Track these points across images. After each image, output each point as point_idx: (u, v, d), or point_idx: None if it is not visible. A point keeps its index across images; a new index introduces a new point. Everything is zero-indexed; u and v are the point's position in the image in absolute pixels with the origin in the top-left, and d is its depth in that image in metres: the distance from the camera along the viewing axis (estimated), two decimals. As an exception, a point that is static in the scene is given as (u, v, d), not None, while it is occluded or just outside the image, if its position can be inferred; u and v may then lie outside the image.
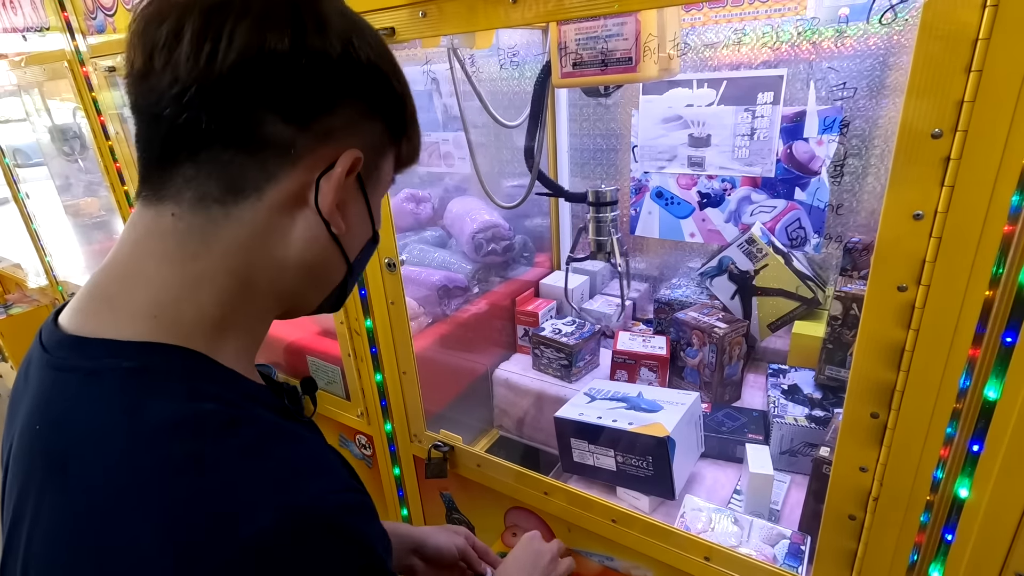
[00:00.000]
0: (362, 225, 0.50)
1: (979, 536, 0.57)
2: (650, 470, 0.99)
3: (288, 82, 0.40)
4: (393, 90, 0.47)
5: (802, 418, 1.07)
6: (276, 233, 0.44)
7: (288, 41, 0.39)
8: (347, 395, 1.26)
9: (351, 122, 0.44)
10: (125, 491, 0.35)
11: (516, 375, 1.43)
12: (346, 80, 0.43)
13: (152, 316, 0.41)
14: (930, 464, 0.58)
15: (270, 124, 0.41)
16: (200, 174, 0.41)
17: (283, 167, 0.42)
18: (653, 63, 0.88)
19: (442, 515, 1.28)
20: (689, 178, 1.38)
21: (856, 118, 1.14)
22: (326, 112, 0.43)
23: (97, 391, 0.39)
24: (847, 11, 1.08)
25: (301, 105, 0.41)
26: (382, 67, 0.45)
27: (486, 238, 1.44)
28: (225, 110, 0.40)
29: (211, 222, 0.42)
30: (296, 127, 0.42)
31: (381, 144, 0.48)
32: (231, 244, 0.42)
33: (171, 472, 0.36)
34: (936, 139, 0.48)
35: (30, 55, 1.56)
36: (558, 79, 0.95)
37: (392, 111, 0.48)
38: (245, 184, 0.42)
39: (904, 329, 0.55)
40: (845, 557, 0.69)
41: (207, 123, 0.40)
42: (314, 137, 0.42)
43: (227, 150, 0.41)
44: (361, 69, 0.43)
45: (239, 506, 0.36)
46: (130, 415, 0.37)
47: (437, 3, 0.75)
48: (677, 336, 1.29)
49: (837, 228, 1.24)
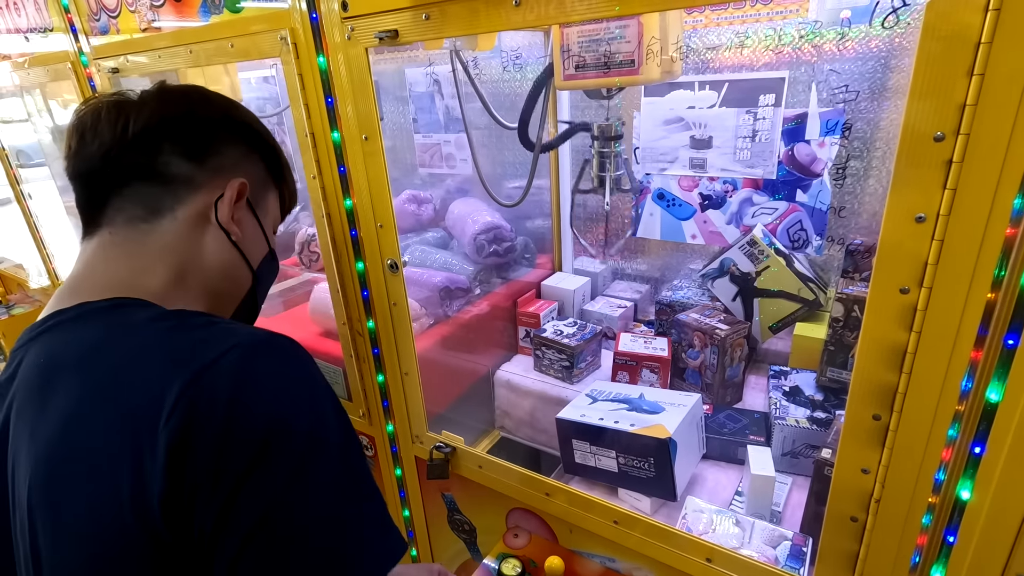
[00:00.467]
0: (258, 239, 0.67)
1: (981, 538, 0.57)
2: (652, 471, 0.99)
3: (185, 134, 0.60)
4: (265, 141, 0.67)
5: (803, 420, 1.07)
6: (193, 240, 0.60)
7: (183, 110, 0.60)
8: (349, 396, 1.26)
9: (236, 161, 0.64)
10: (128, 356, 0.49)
11: (517, 376, 1.43)
12: (227, 132, 0.63)
13: (112, 288, 0.55)
14: (932, 466, 0.59)
15: (175, 164, 0.59)
16: (126, 203, 0.58)
17: (189, 193, 0.60)
18: (656, 65, 0.88)
19: (443, 516, 1.28)
20: (691, 180, 1.38)
21: (858, 120, 1.14)
22: (215, 154, 0.61)
23: (81, 323, 0.53)
24: (849, 14, 1.08)
25: (196, 149, 0.60)
26: (254, 126, 0.67)
27: (488, 239, 1.44)
28: (140, 156, 0.58)
29: (141, 234, 0.58)
30: (195, 164, 0.60)
31: (264, 181, 0.68)
32: (161, 248, 0.58)
33: (159, 334, 0.50)
34: (938, 142, 0.49)
35: (33, 56, 1.56)
36: (560, 81, 0.95)
37: (267, 156, 0.68)
38: (162, 207, 0.59)
39: (906, 331, 0.55)
40: (847, 559, 0.69)
41: (127, 167, 0.57)
42: (210, 171, 0.61)
43: (145, 184, 0.58)
44: (238, 126, 0.65)
45: (217, 343, 0.48)
46: (112, 323, 0.52)
47: (440, 6, 0.75)
48: (678, 338, 1.29)
49: (839, 230, 1.25)
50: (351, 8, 0.84)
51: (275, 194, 0.70)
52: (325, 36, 0.89)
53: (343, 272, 1.08)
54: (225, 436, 0.44)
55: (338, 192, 1.00)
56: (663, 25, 0.88)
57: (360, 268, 1.06)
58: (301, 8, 0.88)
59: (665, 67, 0.91)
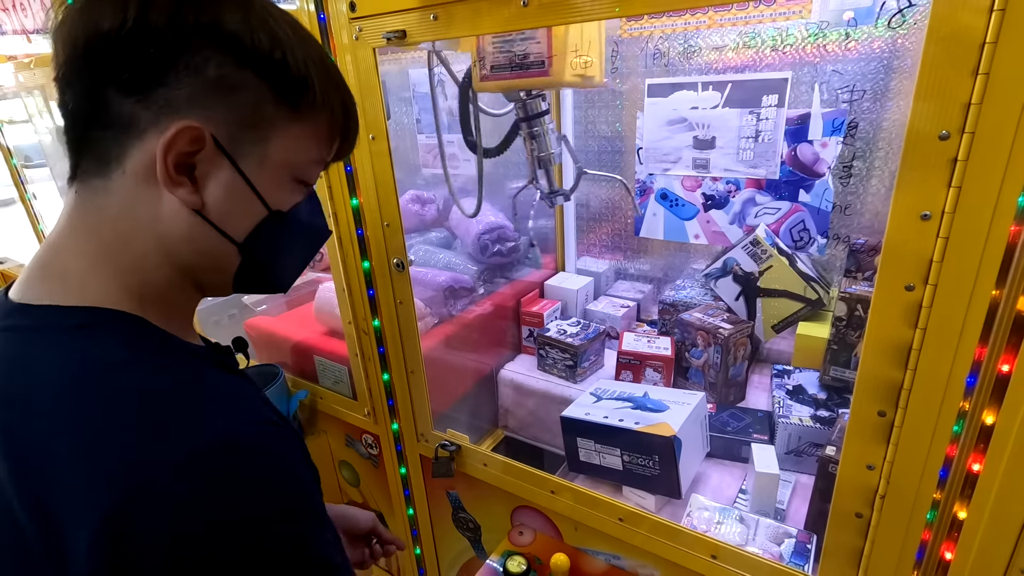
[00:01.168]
0: (238, 201, 0.48)
1: (985, 534, 0.57)
2: (656, 469, 1.00)
3: (117, 57, 0.43)
4: (252, 53, 0.45)
5: (807, 418, 1.07)
6: (146, 204, 0.46)
7: (110, 19, 0.42)
8: (354, 395, 1.26)
9: (197, 93, 0.44)
10: (71, 417, 0.40)
11: (521, 375, 1.43)
12: (175, 50, 0.43)
13: (81, 283, 0.45)
14: (937, 461, 0.59)
15: (113, 101, 0.44)
16: (84, 153, 0.46)
17: (131, 141, 0.44)
18: (568, 68, 0.89)
19: (448, 514, 1.28)
20: (694, 180, 1.39)
21: (861, 120, 1.15)
22: (160, 84, 0.43)
23: (42, 344, 0.43)
24: (852, 15, 1.09)
25: (132, 79, 0.43)
26: (229, 29, 0.44)
27: (491, 239, 1.44)
28: (79, 91, 0.44)
29: (95, 194, 0.46)
30: (136, 101, 0.43)
31: (259, 116, 0.47)
32: (115, 215, 0.46)
33: (111, 403, 0.40)
34: (943, 141, 0.49)
35: (39, 56, 1.57)
36: (478, 83, 0.96)
37: (267, 77, 0.46)
38: (109, 157, 0.45)
39: (911, 328, 0.56)
40: (852, 555, 0.70)
41: (69, 100, 0.45)
42: (155, 110, 0.43)
43: (93, 129, 0.45)
44: (193, 37, 0.43)
45: (172, 430, 0.40)
46: (75, 360, 0.42)
47: (447, 7, 0.76)
48: (682, 337, 1.29)
49: (841, 229, 1.25)
50: (359, 9, 0.85)
51: (296, 128, 0.49)
52: (333, 37, 0.90)
53: (349, 271, 1.08)
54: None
55: (344, 192, 1.01)
56: (579, 32, 0.89)
57: (366, 267, 1.06)
58: (309, 9, 0.89)
59: (578, 71, 0.91)
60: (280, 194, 0.50)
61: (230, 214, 0.48)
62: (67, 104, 0.45)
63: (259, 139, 0.47)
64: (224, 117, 0.45)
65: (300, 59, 0.47)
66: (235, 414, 0.43)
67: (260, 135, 0.47)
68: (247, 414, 0.44)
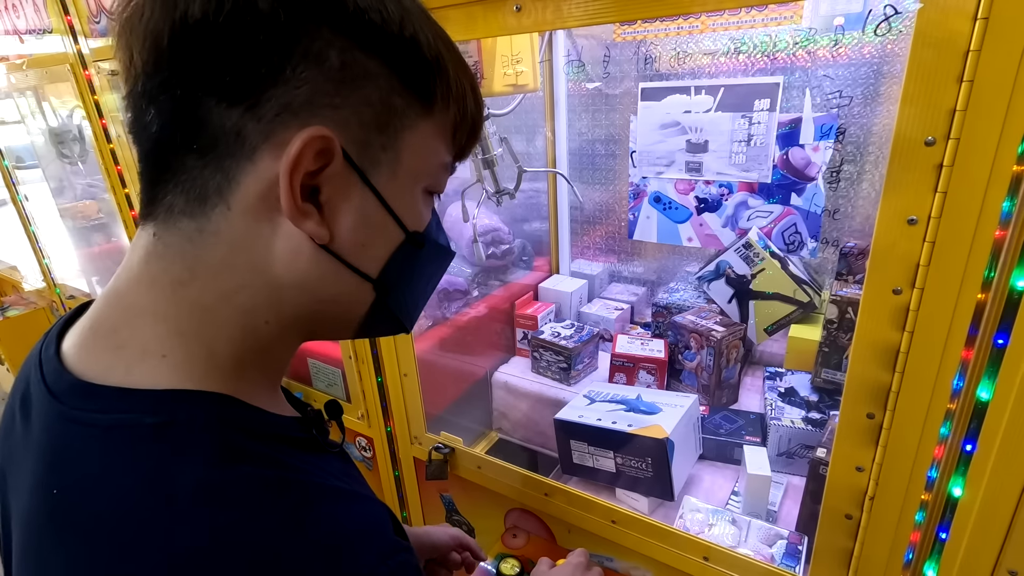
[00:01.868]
0: (373, 227, 0.39)
1: (972, 534, 0.58)
2: (649, 471, 1.00)
3: (215, 53, 0.32)
4: (380, 31, 0.35)
5: (799, 420, 1.08)
6: (257, 246, 0.36)
7: (198, 2, 0.32)
8: (348, 397, 1.26)
9: (319, 90, 0.34)
10: (157, 571, 0.31)
11: (515, 378, 1.43)
12: (291, 35, 0.33)
13: (161, 356, 0.36)
14: (925, 463, 0.60)
15: (213, 114, 0.33)
16: (171, 186, 0.36)
17: (239, 166, 0.34)
18: (500, 78, 0.91)
19: (442, 517, 1.28)
20: (687, 183, 1.39)
21: (851, 125, 1.16)
22: (272, 84, 0.33)
23: (118, 453, 0.33)
24: (842, 21, 1.10)
25: (237, 80, 0.33)
26: (353, 3, 0.34)
27: (486, 242, 1.45)
28: (166, 107, 0.34)
29: (187, 240, 0.36)
30: (243, 110, 0.33)
31: (389, 113, 0.36)
32: (212, 264, 0.36)
33: (209, 552, 0.31)
34: (929, 146, 0.50)
35: (32, 57, 1.57)
36: None
37: (394, 60, 0.36)
38: (207, 191, 0.35)
39: (899, 331, 0.56)
40: (842, 556, 0.70)
41: (157, 127, 0.34)
42: (268, 119, 0.33)
43: (185, 156, 0.35)
44: (312, 15, 0.33)
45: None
46: (158, 484, 0.33)
47: (441, 10, 0.76)
48: (675, 339, 1.30)
49: (833, 233, 1.26)
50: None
51: (427, 128, 0.39)
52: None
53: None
54: None
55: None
56: (509, 43, 0.91)
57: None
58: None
59: (510, 80, 0.93)
60: (414, 211, 0.40)
61: (364, 246, 0.39)
62: (148, 126, 0.35)
63: (389, 144, 0.37)
64: (352, 119, 0.35)
65: (431, 36, 0.37)
66: (352, 559, 0.34)
67: (390, 139, 0.37)
68: (377, 547, 0.36)
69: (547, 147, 1.56)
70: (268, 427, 0.39)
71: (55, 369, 0.37)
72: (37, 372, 0.39)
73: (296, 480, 0.36)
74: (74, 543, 0.33)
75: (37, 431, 0.37)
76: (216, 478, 0.33)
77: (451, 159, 0.43)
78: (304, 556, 0.32)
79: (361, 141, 0.36)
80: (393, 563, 0.36)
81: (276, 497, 0.34)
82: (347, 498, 0.38)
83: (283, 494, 0.35)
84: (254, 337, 0.38)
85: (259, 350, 0.39)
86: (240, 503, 0.33)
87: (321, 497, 0.36)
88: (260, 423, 0.38)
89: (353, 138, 0.36)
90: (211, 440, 0.35)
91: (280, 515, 0.34)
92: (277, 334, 0.39)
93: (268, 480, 0.35)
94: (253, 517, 0.33)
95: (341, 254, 0.38)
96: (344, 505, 0.37)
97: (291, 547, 0.32)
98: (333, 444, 0.46)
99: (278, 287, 0.37)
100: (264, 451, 0.37)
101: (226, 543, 0.32)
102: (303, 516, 0.34)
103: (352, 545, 0.35)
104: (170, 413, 0.34)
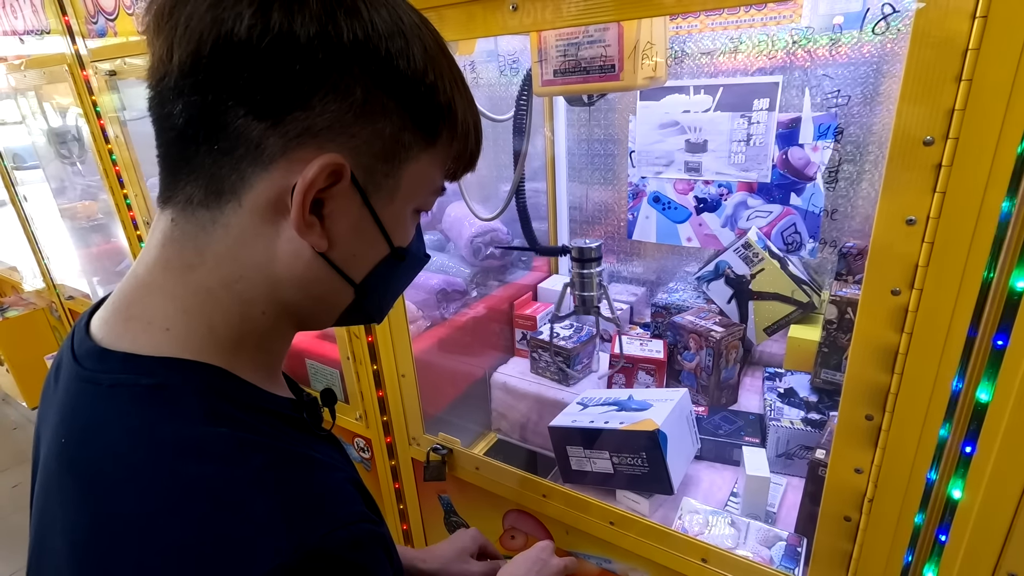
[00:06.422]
0: (365, 242, 0.44)
1: (972, 536, 0.58)
2: (645, 466, 0.99)
3: (252, 72, 0.35)
4: (403, 76, 0.39)
5: (798, 421, 1.08)
6: (261, 243, 0.40)
7: (245, 23, 0.34)
8: (346, 398, 1.26)
9: (340, 120, 0.38)
10: (137, 513, 0.35)
11: (514, 378, 1.43)
12: (324, 69, 0.36)
13: (165, 329, 0.40)
14: (924, 465, 0.59)
15: (238, 121, 0.37)
16: (191, 177, 0.39)
17: (254, 171, 0.38)
18: (638, 71, 0.84)
19: (440, 518, 1.28)
20: (686, 183, 1.39)
21: (850, 124, 1.16)
22: (299, 108, 0.37)
23: (115, 408, 0.38)
24: (841, 20, 1.09)
25: (268, 100, 0.36)
26: (385, 47, 0.37)
27: (484, 242, 1.44)
28: (195, 105, 0.37)
29: (201, 229, 0.40)
30: (268, 125, 0.37)
31: (397, 146, 0.41)
32: (220, 252, 0.40)
33: (181, 497, 0.35)
34: (928, 146, 0.50)
35: (30, 58, 1.57)
36: (538, 87, 0.91)
37: (410, 102, 0.40)
38: (223, 187, 0.39)
39: (898, 332, 0.56)
40: (841, 558, 0.70)
41: (183, 121, 0.37)
42: (289, 138, 0.37)
43: (209, 150, 0.38)
44: (346, 54, 0.36)
45: (245, 543, 0.34)
46: (146, 435, 0.37)
47: (438, 10, 0.76)
48: (674, 340, 1.30)
49: (832, 233, 1.26)
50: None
51: (426, 159, 0.44)
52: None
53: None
54: None
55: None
56: (647, 29, 0.84)
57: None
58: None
59: (647, 73, 0.87)
60: (402, 229, 0.46)
61: (354, 256, 0.44)
62: (174, 118, 0.38)
63: (392, 172, 0.42)
64: (363, 148, 0.39)
65: (448, 81, 0.42)
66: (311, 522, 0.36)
67: (393, 168, 0.42)
68: (340, 513, 0.38)
69: (546, 147, 1.56)
70: (257, 400, 0.43)
71: (82, 337, 0.42)
72: (69, 340, 0.44)
73: (272, 445, 0.40)
74: (72, 483, 0.38)
75: (61, 390, 0.42)
76: (197, 434, 0.37)
77: (443, 184, 0.48)
78: (266, 510, 0.35)
79: (368, 167, 0.41)
80: (356, 529, 0.38)
81: (249, 455, 0.38)
82: (321, 467, 0.41)
83: (255, 453, 0.38)
84: (251, 324, 0.43)
85: (256, 335, 0.43)
86: (215, 458, 0.37)
87: (293, 462, 0.40)
88: (249, 396, 0.42)
89: (361, 164, 0.40)
90: (199, 403, 0.39)
91: (250, 471, 0.37)
92: (272, 324, 0.44)
93: (244, 441, 0.38)
94: (224, 470, 0.36)
95: (334, 261, 0.43)
96: (316, 473, 0.41)
97: (255, 501, 0.35)
98: (323, 430, 0.49)
99: (276, 282, 0.42)
100: (247, 419, 0.40)
101: (197, 491, 0.35)
102: (271, 475, 0.37)
103: (315, 507, 0.37)
104: (165, 377, 0.39)
